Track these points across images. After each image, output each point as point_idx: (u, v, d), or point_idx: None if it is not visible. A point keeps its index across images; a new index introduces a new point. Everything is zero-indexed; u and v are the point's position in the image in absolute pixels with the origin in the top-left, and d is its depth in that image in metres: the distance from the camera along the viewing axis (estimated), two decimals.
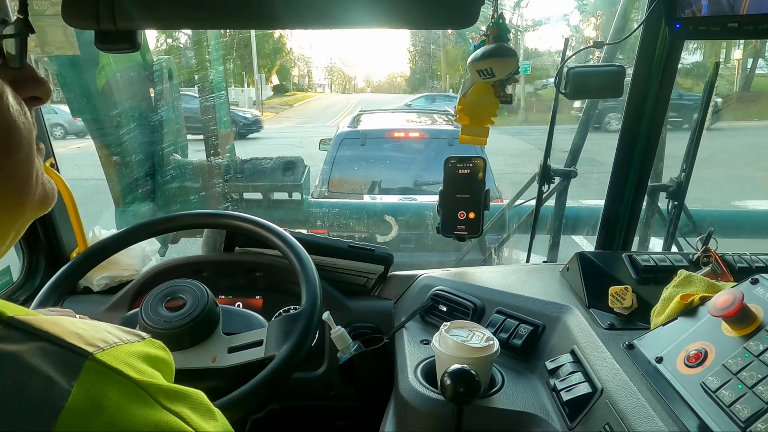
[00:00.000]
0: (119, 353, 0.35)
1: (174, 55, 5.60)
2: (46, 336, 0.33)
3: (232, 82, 17.94)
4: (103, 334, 0.36)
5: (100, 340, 0.35)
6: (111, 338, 0.37)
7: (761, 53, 14.18)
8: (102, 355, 0.34)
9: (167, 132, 3.02)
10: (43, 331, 0.33)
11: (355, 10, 0.75)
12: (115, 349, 0.36)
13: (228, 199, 3.27)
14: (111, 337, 0.37)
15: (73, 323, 0.36)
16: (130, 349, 0.37)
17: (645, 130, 1.21)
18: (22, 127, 0.38)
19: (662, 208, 1.73)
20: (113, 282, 1.28)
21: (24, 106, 0.40)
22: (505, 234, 2.61)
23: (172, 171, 3.11)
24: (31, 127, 0.40)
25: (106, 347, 0.35)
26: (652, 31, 1.13)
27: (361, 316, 1.19)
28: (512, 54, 1.05)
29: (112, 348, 0.36)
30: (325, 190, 3.83)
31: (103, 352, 0.34)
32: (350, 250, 1.23)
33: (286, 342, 0.85)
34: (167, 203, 3.09)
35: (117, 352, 0.36)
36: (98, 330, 0.37)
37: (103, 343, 0.35)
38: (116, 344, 0.36)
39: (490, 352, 0.85)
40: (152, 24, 0.82)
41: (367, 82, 44.38)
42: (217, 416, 0.38)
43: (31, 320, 0.34)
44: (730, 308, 0.66)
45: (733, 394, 0.60)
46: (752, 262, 1.00)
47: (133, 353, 0.37)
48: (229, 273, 1.24)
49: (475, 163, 1.24)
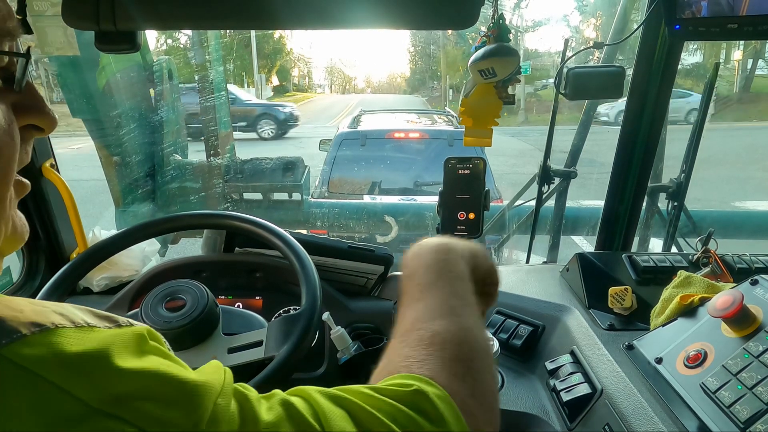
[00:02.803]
0: (54, 340, 0.30)
1: (175, 55, 5.60)
2: None
3: (232, 82, 17.96)
4: (46, 315, 0.31)
5: (28, 324, 0.30)
6: (54, 319, 0.31)
7: (761, 54, 14.19)
8: (19, 346, 0.28)
9: (167, 132, 3.02)
10: None
11: (355, 10, 0.75)
12: (49, 333, 0.30)
13: (228, 200, 3.27)
14: (55, 318, 0.31)
15: (8, 304, 0.31)
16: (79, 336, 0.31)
17: (645, 130, 1.21)
18: (3, 146, 0.36)
19: (662, 208, 1.73)
20: (113, 282, 1.28)
21: (14, 128, 0.38)
22: (505, 234, 2.61)
23: (172, 171, 3.11)
24: (13, 151, 0.38)
25: (33, 332, 0.29)
26: (652, 32, 1.13)
27: (361, 316, 1.19)
28: (513, 53, 1.05)
29: (44, 333, 0.30)
30: (325, 191, 3.83)
31: (22, 341, 0.29)
32: (350, 250, 1.23)
33: (286, 342, 0.85)
34: (167, 204, 3.09)
35: (51, 338, 0.30)
36: (41, 311, 0.31)
37: (32, 327, 0.30)
38: (57, 327, 0.30)
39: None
40: (152, 24, 0.82)
41: (367, 82, 44.39)
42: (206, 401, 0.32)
43: None
44: (730, 309, 0.66)
45: (732, 395, 0.60)
46: (752, 262, 1.00)
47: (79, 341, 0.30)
48: (229, 273, 1.24)
49: (475, 164, 1.24)
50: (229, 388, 0.34)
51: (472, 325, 0.47)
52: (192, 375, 0.33)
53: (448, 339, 0.45)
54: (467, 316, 0.48)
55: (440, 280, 0.51)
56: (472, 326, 0.47)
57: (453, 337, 0.45)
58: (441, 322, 0.47)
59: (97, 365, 0.30)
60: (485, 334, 0.49)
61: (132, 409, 0.29)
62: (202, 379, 0.33)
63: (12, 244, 0.41)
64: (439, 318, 0.47)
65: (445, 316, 0.47)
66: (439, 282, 0.51)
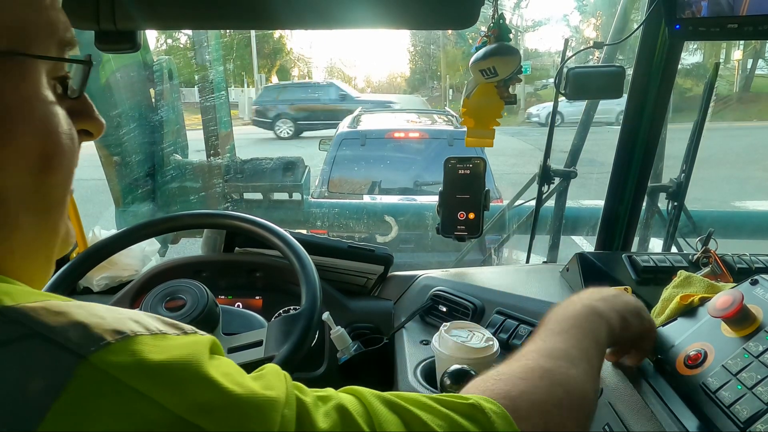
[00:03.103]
0: (135, 348, 0.30)
1: (175, 55, 5.60)
2: (42, 330, 0.29)
3: (232, 82, 17.95)
4: (124, 322, 0.32)
5: (111, 331, 0.30)
6: (131, 327, 0.32)
7: (761, 54, 14.18)
8: (105, 353, 0.29)
9: (167, 132, 3.02)
10: (40, 324, 0.29)
11: (355, 10, 0.75)
12: (130, 341, 0.31)
13: (228, 200, 3.27)
14: (132, 326, 0.32)
15: (89, 310, 0.32)
16: (157, 343, 0.32)
17: (645, 130, 1.21)
18: (67, 150, 0.39)
19: (662, 208, 1.73)
20: (113, 282, 1.28)
21: (74, 133, 0.41)
22: (505, 234, 2.61)
23: (172, 171, 3.11)
24: (75, 155, 0.41)
25: (117, 339, 0.30)
26: (652, 32, 1.13)
27: (361, 316, 1.19)
28: (514, 52, 1.05)
29: (126, 340, 0.30)
30: (325, 191, 3.83)
31: (107, 348, 0.29)
32: (350, 250, 1.23)
33: (286, 342, 0.85)
34: (167, 203, 3.09)
35: (132, 345, 0.30)
36: (119, 318, 0.32)
37: (115, 335, 0.30)
38: (136, 335, 0.31)
39: (490, 353, 0.85)
40: (152, 24, 0.82)
41: (367, 82, 44.33)
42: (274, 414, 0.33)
43: (30, 310, 0.30)
44: (730, 309, 0.66)
45: (732, 395, 0.60)
46: (752, 262, 1.00)
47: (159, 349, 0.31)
48: (229, 273, 1.24)
49: (475, 164, 1.24)
50: (292, 397, 0.35)
51: (580, 376, 0.49)
52: (262, 386, 0.34)
53: (546, 375, 0.47)
54: (580, 369, 0.50)
55: (573, 329, 0.54)
56: (579, 377, 0.49)
57: (553, 376, 0.48)
58: (550, 361, 0.49)
59: (179, 374, 0.31)
60: (591, 390, 0.50)
61: (213, 419, 0.30)
62: (273, 394, 0.34)
63: (63, 249, 0.43)
64: (552, 358, 0.50)
65: (559, 359, 0.50)
66: (571, 331, 0.54)
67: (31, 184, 0.37)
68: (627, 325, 0.62)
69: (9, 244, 0.37)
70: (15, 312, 0.30)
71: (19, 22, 0.36)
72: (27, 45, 0.36)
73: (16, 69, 0.36)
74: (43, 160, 0.38)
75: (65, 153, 0.39)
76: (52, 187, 0.39)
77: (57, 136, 0.38)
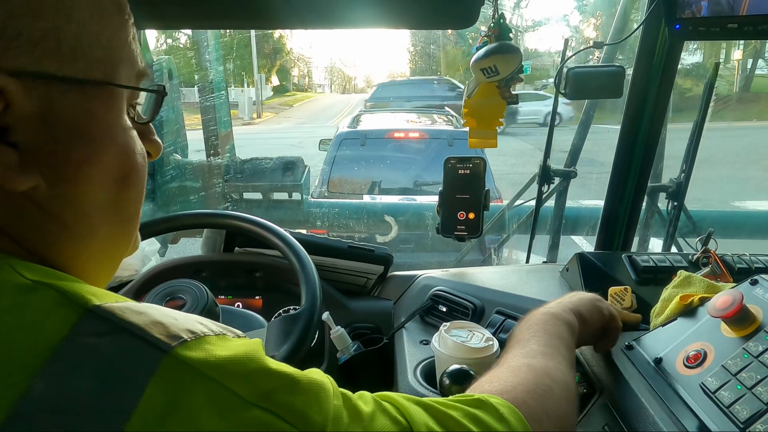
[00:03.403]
0: (206, 345, 0.34)
1: (175, 54, 5.60)
2: (128, 327, 0.33)
3: (232, 82, 17.94)
4: (192, 324, 0.36)
5: (186, 330, 0.35)
6: (199, 328, 0.36)
7: (761, 54, 14.19)
8: (184, 349, 0.33)
9: (167, 132, 3.02)
10: (125, 321, 0.33)
11: (355, 10, 0.75)
12: (202, 340, 0.35)
13: (228, 199, 3.27)
14: (200, 327, 0.36)
15: (162, 311, 0.36)
16: (221, 342, 0.36)
17: (645, 130, 1.21)
18: (141, 169, 0.44)
19: (662, 208, 1.73)
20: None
21: (145, 153, 0.46)
22: (505, 234, 2.61)
23: (172, 171, 3.11)
24: (146, 173, 0.46)
25: (191, 338, 0.34)
26: (652, 32, 1.13)
27: (361, 316, 1.19)
28: (515, 50, 1.05)
29: (198, 339, 0.35)
30: (325, 191, 3.83)
31: (185, 345, 0.33)
32: (350, 250, 1.23)
33: (286, 342, 0.85)
34: (167, 203, 3.09)
35: (204, 343, 0.34)
36: (187, 320, 0.36)
37: (189, 333, 0.34)
38: (204, 335, 0.35)
39: (490, 353, 0.85)
40: (152, 24, 0.82)
41: (367, 82, 44.33)
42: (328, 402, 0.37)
43: (116, 308, 0.34)
44: (730, 309, 0.66)
45: (732, 395, 0.60)
46: (752, 262, 1.00)
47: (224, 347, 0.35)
48: (228, 273, 1.24)
49: (475, 164, 1.24)
50: (337, 390, 0.39)
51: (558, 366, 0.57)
52: (314, 376, 0.38)
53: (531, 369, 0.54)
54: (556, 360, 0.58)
55: (539, 333, 0.62)
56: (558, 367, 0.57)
57: (536, 369, 0.54)
58: (530, 359, 0.57)
59: (246, 366, 0.35)
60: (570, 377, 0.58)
61: (279, 404, 0.34)
62: (322, 380, 0.39)
63: (130, 252, 0.49)
64: (531, 356, 0.57)
65: (536, 356, 0.57)
66: (538, 334, 0.62)
67: (111, 198, 0.42)
68: (585, 319, 0.70)
69: (89, 251, 0.43)
70: (103, 310, 0.34)
71: (111, 55, 0.41)
72: (116, 76, 0.41)
73: (107, 98, 0.41)
74: (122, 178, 0.43)
75: (140, 171, 0.44)
76: (128, 201, 0.44)
77: (134, 156, 0.43)
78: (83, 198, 0.40)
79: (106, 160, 0.41)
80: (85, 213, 0.41)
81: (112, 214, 0.43)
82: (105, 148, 0.41)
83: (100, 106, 0.40)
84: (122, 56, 0.42)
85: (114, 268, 0.48)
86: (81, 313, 0.33)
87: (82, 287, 0.36)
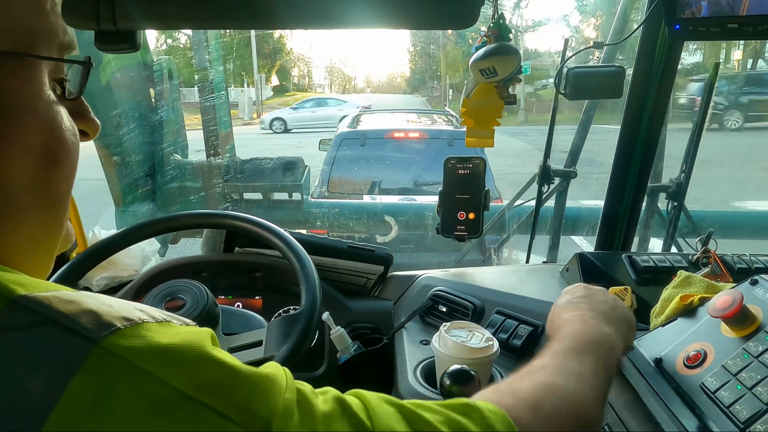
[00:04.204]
0: (144, 333, 0.32)
1: (175, 54, 5.60)
2: (55, 317, 0.31)
3: (232, 82, 17.94)
4: (130, 311, 0.33)
5: (120, 318, 0.32)
6: (138, 315, 0.33)
7: (761, 54, 14.18)
8: (116, 338, 0.30)
9: (167, 132, 3.02)
10: (54, 310, 0.31)
11: (355, 10, 0.75)
12: (138, 327, 0.32)
13: (228, 200, 3.27)
14: (139, 314, 0.33)
15: (98, 300, 0.33)
16: (163, 330, 0.33)
17: (645, 130, 1.21)
18: (71, 145, 0.42)
19: (662, 208, 1.73)
20: (113, 282, 1.28)
21: (76, 130, 0.43)
22: (505, 234, 2.61)
23: (172, 171, 3.10)
24: (77, 150, 0.43)
25: (126, 326, 0.32)
26: (652, 32, 1.13)
27: (361, 316, 1.19)
28: (514, 52, 1.05)
29: (134, 326, 0.32)
30: (325, 191, 3.83)
31: (117, 333, 0.31)
32: (350, 250, 1.23)
33: (286, 342, 0.85)
34: (167, 203, 3.09)
35: (141, 331, 0.32)
36: (125, 307, 0.34)
37: (124, 321, 0.32)
38: (143, 321, 0.33)
39: (490, 353, 0.85)
40: (152, 24, 0.82)
41: (367, 82, 44.38)
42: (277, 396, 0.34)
43: (44, 298, 0.32)
44: (730, 309, 0.66)
45: (732, 395, 0.60)
46: (752, 263, 1.00)
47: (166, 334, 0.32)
48: (228, 273, 1.24)
49: (474, 164, 1.24)
50: (291, 384, 0.36)
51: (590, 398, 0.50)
52: (264, 369, 0.36)
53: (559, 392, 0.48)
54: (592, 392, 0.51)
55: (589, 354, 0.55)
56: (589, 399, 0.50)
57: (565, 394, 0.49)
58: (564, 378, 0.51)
59: (185, 356, 0.32)
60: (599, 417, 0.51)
61: (220, 398, 0.31)
62: (274, 372, 0.36)
63: (63, 246, 0.46)
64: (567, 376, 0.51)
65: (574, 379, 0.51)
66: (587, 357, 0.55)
67: (37, 178, 0.39)
68: (627, 347, 0.66)
69: (15, 237, 0.39)
70: (28, 300, 0.31)
71: (21, 25, 0.38)
72: (30, 46, 0.38)
73: (20, 69, 0.38)
74: (48, 155, 0.39)
75: (69, 148, 0.41)
76: (57, 181, 0.41)
77: (61, 131, 0.40)
78: (4, 178, 0.37)
79: (27, 136, 0.38)
80: (7, 195, 0.38)
81: (40, 196, 0.40)
82: (24, 123, 0.38)
83: (12, 77, 0.37)
84: (38, 26, 0.39)
85: (49, 258, 0.44)
86: (4, 304, 0.31)
87: (7, 276, 0.33)
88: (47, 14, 0.40)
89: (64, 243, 0.45)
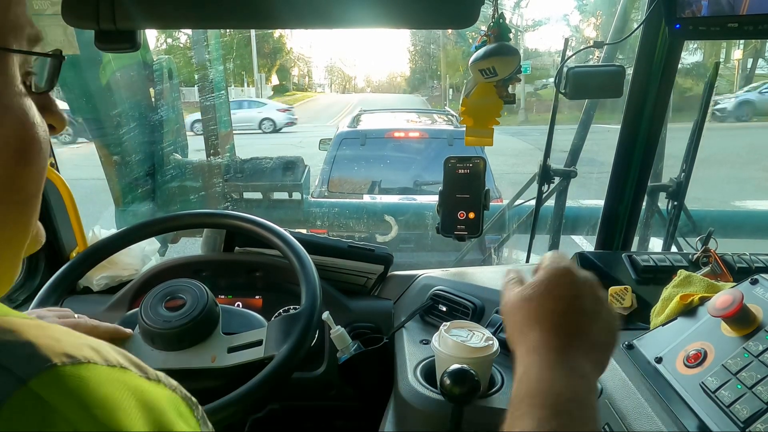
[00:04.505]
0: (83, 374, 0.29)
1: (175, 54, 5.61)
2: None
3: (232, 81, 17.94)
4: (80, 348, 0.30)
5: (61, 354, 0.29)
6: (87, 354, 0.30)
7: (761, 53, 14.18)
8: (47, 376, 0.28)
9: (167, 132, 3.02)
10: None
11: (355, 10, 0.75)
12: (79, 367, 0.29)
13: (228, 199, 3.27)
14: (89, 353, 0.30)
15: (46, 330, 0.31)
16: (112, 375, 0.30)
17: (645, 130, 1.21)
18: (42, 141, 0.39)
19: (662, 208, 1.73)
20: (113, 282, 1.28)
21: (45, 125, 0.41)
22: (505, 234, 2.61)
23: (172, 171, 3.10)
24: (48, 146, 0.41)
25: (65, 363, 0.29)
26: (652, 31, 1.13)
27: (361, 316, 1.19)
28: (514, 52, 1.05)
29: (75, 365, 0.29)
30: (325, 190, 3.83)
31: (50, 371, 0.28)
32: (350, 250, 1.23)
33: (286, 342, 0.85)
34: (167, 203, 3.09)
35: (81, 371, 0.29)
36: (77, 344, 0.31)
37: (65, 358, 0.29)
38: (89, 362, 0.30)
39: (490, 352, 0.85)
40: (152, 24, 0.82)
41: (367, 81, 44.41)
42: None
43: None
44: (730, 308, 0.66)
45: (732, 395, 0.60)
46: (752, 262, 1.00)
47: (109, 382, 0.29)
48: (228, 273, 1.24)
49: (475, 163, 1.24)
50: None
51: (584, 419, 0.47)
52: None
53: None
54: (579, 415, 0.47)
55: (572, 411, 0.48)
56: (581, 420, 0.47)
57: None
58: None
59: (114, 413, 0.28)
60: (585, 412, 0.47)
61: None
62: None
63: (32, 247, 0.43)
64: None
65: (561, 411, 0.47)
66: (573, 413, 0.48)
67: (7, 175, 0.37)
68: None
69: None
70: None
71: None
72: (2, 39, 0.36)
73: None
74: (19, 151, 0.37)
75: (41, 144, 0.39)
76: (27, 179, 0.39)
77: (33, 127, 0.39)
78: None
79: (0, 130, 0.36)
80: None
81: (9, 194, 0.38)
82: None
83: None
84: (6, 18, 0.37)
85: (17, 261, 0.41)
86: None
87: None
88: (15, 5, 0.38)
89: (33, 244, 0.42)
